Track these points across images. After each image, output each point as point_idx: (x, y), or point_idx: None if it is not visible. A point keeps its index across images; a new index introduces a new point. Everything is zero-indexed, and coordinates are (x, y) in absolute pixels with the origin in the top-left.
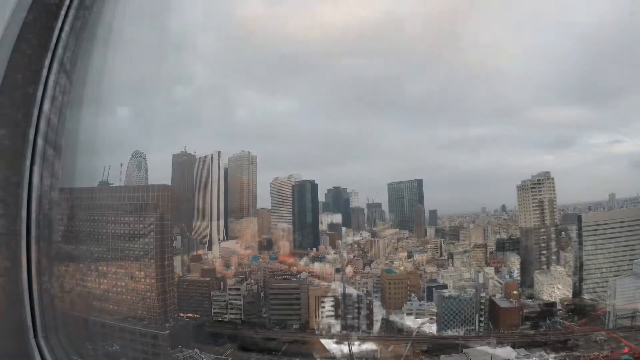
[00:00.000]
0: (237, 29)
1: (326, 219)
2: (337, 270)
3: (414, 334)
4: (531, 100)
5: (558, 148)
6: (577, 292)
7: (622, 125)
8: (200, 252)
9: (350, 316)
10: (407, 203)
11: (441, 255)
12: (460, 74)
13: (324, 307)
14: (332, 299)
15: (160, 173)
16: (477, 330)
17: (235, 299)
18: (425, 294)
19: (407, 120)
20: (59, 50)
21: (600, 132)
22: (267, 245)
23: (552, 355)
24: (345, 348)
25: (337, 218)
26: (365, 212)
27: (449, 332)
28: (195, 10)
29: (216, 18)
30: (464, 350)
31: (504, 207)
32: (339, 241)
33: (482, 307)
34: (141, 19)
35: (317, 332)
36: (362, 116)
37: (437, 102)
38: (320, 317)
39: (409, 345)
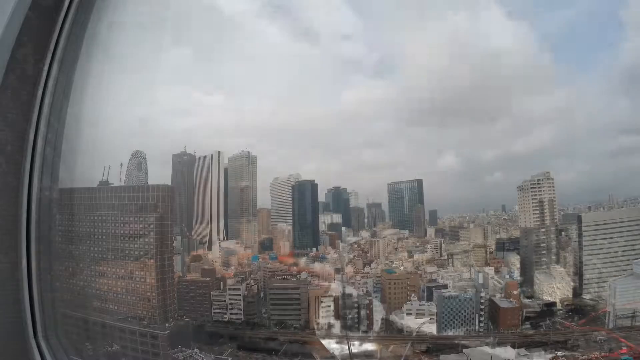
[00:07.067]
0: None
1: (326, 219)
2: (337, 271)
3: (414, 334)
4: None
5: None
6: (577, 292)
7: None
8: (200, 252)
9: (350, 316)
10: (407, 203)
11: (441, 255)
12: None
13: (323, 307)
14: (332, 299)
15: (160, 173)
16: (477, 330)
17: (235, 299)
18: (425, 294)
19: None
20: (59, 51)
21: None
22: (267, 245)
23: (552, 355)
24: (344, 348)
25: (337, 218)
26: (365, 212)
27: (449, 332)
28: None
29: None
30: (464, 350)
31: (504, 207)
32: (339, 241)
33: (482, 307)
34: (141, 19)
35: (317, 332)
36: None
37: None
38: (320, 317)
39: (409, 345)
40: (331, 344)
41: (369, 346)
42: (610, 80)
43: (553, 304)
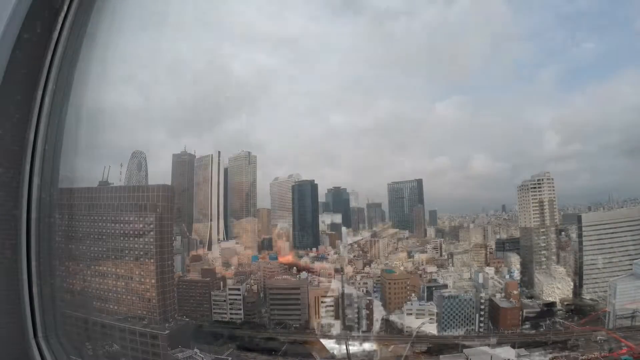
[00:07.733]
0: None
1: (326, 219)
2: (337, 271)
3: (414, 334)
4: None
5: None
6: (577, 292)
7: None
8: (200, 252)
9: (350, 316)
10: (407, 203)
11: (441, 255)
12: None
13: (323, 307)
14: (332, 299)
15: (160, 173)
16: (477, 330)
17: (235, 299)
18: (425, 294)
19: None
20: (59, 50)
21: None
22: (267, 245)
23: (552, 355)
24: (344, 348)
25: (337, 218)
26: (365, 212)
27: (449, 332)
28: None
29: None
30: (464, 350)
31: (504, 207)
32: (339, 241)
33: (482, 307)
34: (141, 19)
35: (317, 332)
36: None
37: None
38: (320, 317)
39: (408, 345)
40: (331, 344)
41: (369, 346)
42: None
43: (553, 304)
